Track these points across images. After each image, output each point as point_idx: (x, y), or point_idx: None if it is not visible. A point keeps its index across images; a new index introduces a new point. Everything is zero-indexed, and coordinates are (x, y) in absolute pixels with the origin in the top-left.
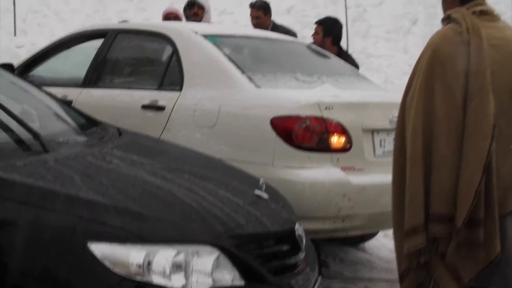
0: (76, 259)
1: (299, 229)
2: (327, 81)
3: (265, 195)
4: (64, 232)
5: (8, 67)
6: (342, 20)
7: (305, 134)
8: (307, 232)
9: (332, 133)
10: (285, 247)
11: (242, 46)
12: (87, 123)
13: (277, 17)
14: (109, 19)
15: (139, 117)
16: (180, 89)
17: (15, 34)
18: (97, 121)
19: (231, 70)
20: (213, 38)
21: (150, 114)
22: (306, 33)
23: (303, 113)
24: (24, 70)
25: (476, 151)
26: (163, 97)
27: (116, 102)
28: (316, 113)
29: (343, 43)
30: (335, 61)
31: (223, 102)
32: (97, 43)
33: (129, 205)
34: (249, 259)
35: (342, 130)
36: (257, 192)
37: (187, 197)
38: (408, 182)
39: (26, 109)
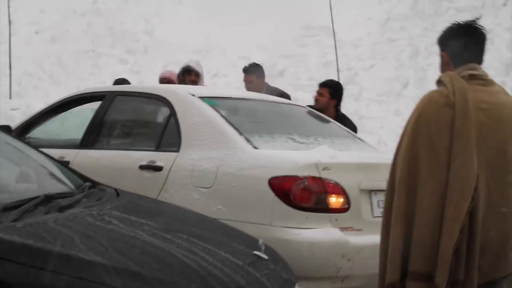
0: None
1: None
2: (323, 142)
3: (264, 256)
4: None
5: (6, 128)
6: None
7: (303, 194)
8: None
9: (331, 193)
10: None
11: (239, 108)
12: (85, 184)
13: (270, 80)
14: (104, 82)
15: (136, 177)
16: (178, 150)
17: (10, 97)
18: (95, 182)
19: (228, 131)
20: (210, 100)
21: (147, 174)
22: (298, 95)
23: (301, 173)
24: (22, 132)
25: (455, 211)
26: (161, 158)
27: (113, 162)
28: (314, 173)
29: None
30: (331, 124)
31: (220, 162)
32: (95, 105)
33: (129, 266)
34: None
35: (341, 191)
36: (257, 252)
37: (186, 257)
38: (391, 239)
39: (24, 170)
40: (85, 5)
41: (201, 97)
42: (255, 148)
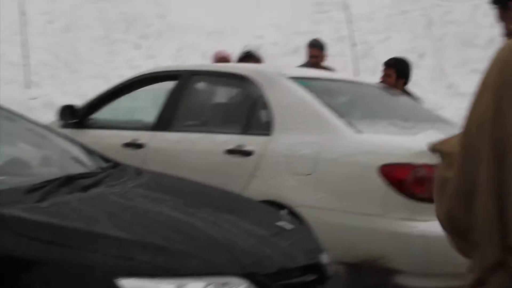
0: None
1: (324, 258)
2: (425, 126)
3: (288, 226)
4: (92, 270)
5: (69, 108)
6: (350, 57)
7: (419, 183)
8: None
9: None
10: (312, 277)
11: (332, 89)
12: (107, 164)
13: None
14: (119, 68)
15: (223, 162)
16: (269, 134)
17: (27, 87)
18: (116, 162)
19: (327, 114)
20: (302, 81)
21: (235, 159)
22: None
23: (417, 160)
24: (86, 112)
25: None
26: (250, 142)
27: (195, 146)
28: (430, 161)
29: None
30: (422, 106)
31: (321, 148)
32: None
33: (154, 240)
34: None
35: None
36: (281, 223)
37: (211, 230)
38: (481, 214)
39: (46, 152)
40: None
41: (291, 77)
42: (358, 132)
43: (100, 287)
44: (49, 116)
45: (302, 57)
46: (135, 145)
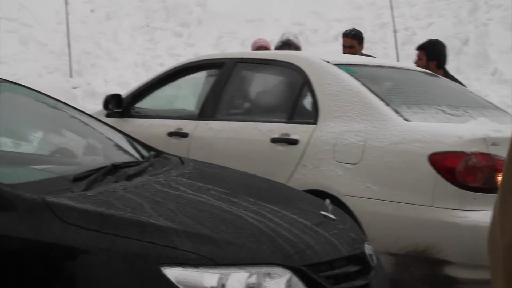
0: (151, 285)
1: (368, 248)
2: (475, 114)
3: (332, 216)
4: (138, 258)
5: (116, 97)
6: (392, 44)
7: (471, 172)
8: (472, 282)
9: (501, 171)
10: (356, 268)
11: (378, 76)
12: (150, 153)
13: (325, 45)
14: (160, 57)
15: (268, 151)
16: (315, 122)
17: (71, 76)
18: (159, 151)
19: (374, 102)
20: (347, 68)
21: (280, 148)
22: None
23: (468, 149)
24: (131, 101)
25: None
26: (296, 130)
27: (240, 135)
28: (483, 149)
29: None
30: (470, 92)
31: (368, 136)
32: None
33: (198, 229)
34: (321, 279)
35: None
36: (324, 212)
37: (254, 219)
38: None
39: (91, 142)
40: None
41: (337, 64)
42: (407, 120)
43: (145, 276)
44: (91, 105)
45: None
46: (180, 134)
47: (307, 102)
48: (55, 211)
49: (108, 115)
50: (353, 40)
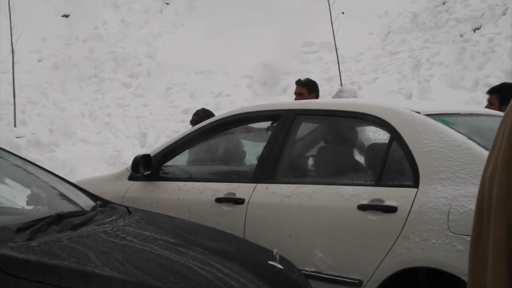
0: None
1: None
2: None
3: (279, 265)
4: None
5: (146, 158)
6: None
7: None
8: None
9: None
10: None
11: (477, 126)
12: (96, 202)
13: (271, 97)
14: (108, 107)
15: (356, 219)
16: (416, 185)
17: (15, 125)
18: (105, 200)
19: None
20: (443, 119)
21: (372, 217)
22: None
23: None
24: (161, 160)
25: None
26: (390, 195)
27: (314, 201)
28: None
29: None
30: None
31: None
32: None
33: (145, 280)
34: None
35: None
36: (272, 262)
37: (202, 269)
38: (491, 276)
39: (35, 191)
40: (87, 31)
41: (429, 115)
42: None
43: None
44: (35, 155)
45: (292, 96)
46: (233, 200)
47: (401, 160)
48: None
49: (131, 178)
50: (302, 88)
